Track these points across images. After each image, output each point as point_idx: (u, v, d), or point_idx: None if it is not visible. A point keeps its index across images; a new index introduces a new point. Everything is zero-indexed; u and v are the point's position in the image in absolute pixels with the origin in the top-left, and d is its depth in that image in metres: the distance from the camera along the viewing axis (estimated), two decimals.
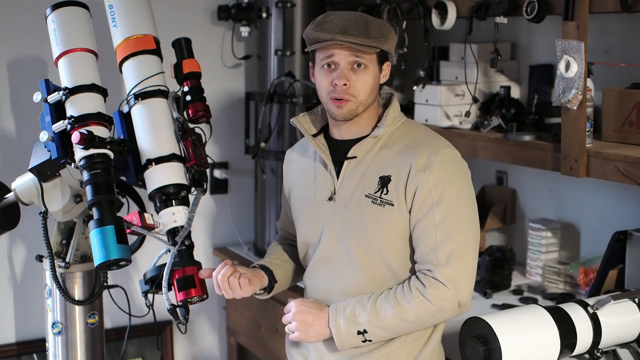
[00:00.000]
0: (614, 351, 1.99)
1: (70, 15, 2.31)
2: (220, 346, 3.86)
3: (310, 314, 2.07)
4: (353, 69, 1.99)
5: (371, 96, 2.03)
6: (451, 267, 1.96)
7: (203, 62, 2.44)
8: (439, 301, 1.96)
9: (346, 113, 2.02)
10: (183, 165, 2.21)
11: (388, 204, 2.01)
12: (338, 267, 2.10)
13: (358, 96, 2.01)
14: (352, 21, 1.97)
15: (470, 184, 2.06)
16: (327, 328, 2.05)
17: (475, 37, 2.87)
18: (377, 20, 2.02)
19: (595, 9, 2.32)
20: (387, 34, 2.00)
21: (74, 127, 2.15)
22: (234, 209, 3.79)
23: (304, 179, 2.18)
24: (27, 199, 2.48)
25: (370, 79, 2.01)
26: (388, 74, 2.07)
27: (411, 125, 2.13)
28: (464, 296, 1.98)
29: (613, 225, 2.62)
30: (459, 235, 1.98)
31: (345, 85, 1.99)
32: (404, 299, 1.98)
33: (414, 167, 1.99)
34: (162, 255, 2.18)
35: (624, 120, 2.43)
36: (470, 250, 2.00)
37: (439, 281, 1.96)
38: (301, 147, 2.24)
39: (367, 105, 2.04)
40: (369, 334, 2.01)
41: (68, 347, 2.50)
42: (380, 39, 1.98)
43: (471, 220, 2.02)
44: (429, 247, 1.99)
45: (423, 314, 1.98)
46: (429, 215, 1.98)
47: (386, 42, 2.00)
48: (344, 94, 2.00)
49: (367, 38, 1.96)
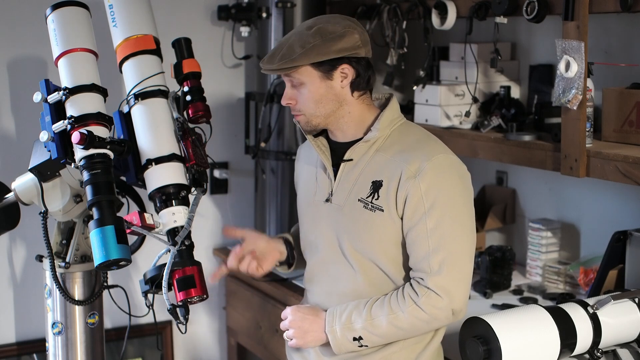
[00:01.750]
0: (614, 351, 1.99)
1: (70, 15, 2.31)
2: (220, 346, 3.86)
3: (306, 320, 2.07)
4: (294, 86, 2.04)
5: (320, 108, 2.03)
6: (443, 275, 1.95)
7: (203, 62, 2.43)
8: (432, 310, 1.96)
9: (304, 126, 2.08)
10: (183, 165, 2.21)
11: (378, 209, 2.01)
12: (336, 270, 2.10)
13: (305, 110, 2.05)
14: (282, 44, 2.01)
15: (467, 189, 2.04)
16: (323, 334, 2.06)
17: (475, 37, 2.87)
18: (304, 35, 1.99)
19: (595, 9, 2.32)
20: (305, 47, 1.96)
21: (74, 127, 2.15)
22: (234, 209, 3.79)
23: (308, 178, 2.20)
24: (27, 199, 2.48)
25: (309, 93, 2.02)
26: (350, 74, 2.02)
27: (409, 127, 2.10)
28: (458, 304, 1.97)
29: (613, 225, 2.62)
30: (451, 242, 1.97)
31: (290, 104, 2.06)
32: (398, 307, 1.98)
33: (405, 173, 1.97)
34: (162, 255, 2.18)
35: (624, 120, 2.43)
36: (464, 258, 1.99)
37: (432, 290, 1.95)
38: (307, 147, 2.25)
39: (325, 116, 2.04)
40: (364, 340, 2.02)
41: (68, 347, 2.50)
42: (293, 58, 1.96)
43: (465, 227, 2.00)
44: (421, 255, 1.98)
45: (416, 322, 1.98)
46: (421, 223, 1.97)
47: (305, 57, 1.96)
48: (292, 111, 2.07)
49: (275, 62, 1.99)
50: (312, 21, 2.04)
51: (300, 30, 2.02)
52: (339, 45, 1.98)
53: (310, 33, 1.99)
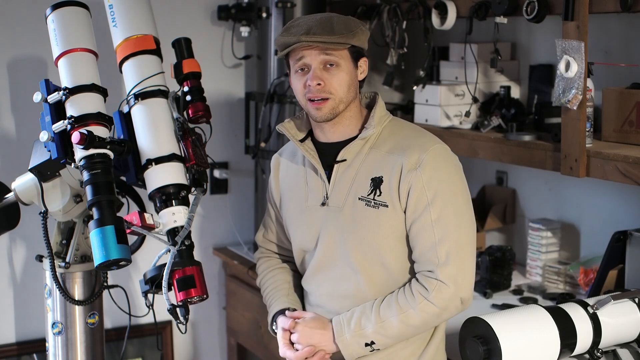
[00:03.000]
0: (614, 351, 1.99)
1: (70, 16, 2.31)
2: (220, 346, 3.86)
3: (315, 334, 2.07)
4: (326, 68, 1.98)
5: (350, 93, 2.01)
6: (451, 265, 1.96)
7: (203, 62, 2.43)
8: (442, 302, 1.97)
9: (327, 112, 2.00)
10: (183, 165, 2.21)
11: (382, 205, 2.01)
12: (337, 272, 2.09)
13: (336, 93, 1.99)
14: (317, 21, 1.96)
15: (463, 177, 2.05)
16: (333, 345, 2.05)
17: (475, 37, 2.87)
18: (343, 17, 2.01)
19: (595, 9, 2.32)
20: (354, 29, 1.98)
21: (74, 127, 2.15)
22: (234, 209, 3.79)
23: (295, 184, 2.17)
24: (27, 199, 2.48)
25: (345, 75, 1.99)
26: (366, 70, 2.05)
27: (398, 123, 2.11)
28: (466, 292, 1.98)
29: (613, 225, 2.62)
30: (455, 231, 1.98)
31: (320, 85, 1.97)
32: (408, 304, 1.98)
33: (406, 166, 1.98)
34: (162, 255, 2.18)
35: (624, 120, 2.43)
36: (469, 246, 2.00)
37: (441, 282, 1.96)
38: (289, 152, 2.22)
39: (348, 103, 2.02)
40: (376, 344, 2.02)
41: (68, 347, 2.50)
42: (347, 35, 1.96)
43: (467, 215, 2.02)
44: (427, 246, 1.98)
45: (428, 317, 1.98)
46: (425, 214, 1.97)
47: (354, 37, 1.97)
48: (319, 93, 1.98)
49: (333, 35, 1.94)
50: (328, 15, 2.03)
51: (331, 15, 2.00)
52: (366, 38, 2.02)
53: (349, 19, 2.00)
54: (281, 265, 2.30)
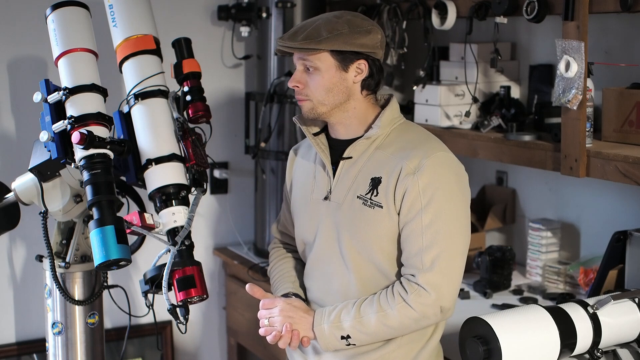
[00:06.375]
0: (614, 351, 1.99)
1: (70, 16, 2.31)
2: (220, 346, 3.86)
3: (296, 314, 2.08)
4: (306, 70, 2.03)
5: (330, 96, 2.02)
6: (434, 272, 1.95)
7: (203, 62, 2.44)
8: (420, 307, 1.96)
9: (307, 112, 2.06)
10: (183, 165, 2.21)
11: (377, 205, 2.01)
12: (331, 268, 2.10)
13: (312, 96, 2.03)
14: (307, 25, 2.00)
15: (464, 188, 2.04)
16: (311, 331, 2.06)
17: (475, 37, 2.87)
18: (344, 19, 2.00)
19: (595, 9, 2.32)
20: (332, 33, 1.97)
21: (74, 127, 2.15)
22: (234, 209, 3.79)
23: (305, 177, 2.19)
24: (27, 199, 2.48)
25: (322, 79, 2.01)
26: (364, 71, 2.03)
27: (409, 127, 2.11)
28: (447, 302, 1.97)
29: (613, 225, 2.62)
30: (445, 240, 1.97)
31: (298, 87, 2.04)
32: (387, 304, 1.98)
33: (404, 169, 1.98)
34: (162, 255, 2.18)
35: (624, 120, 2.43)
36: (457, 256, 1.99)
37: (421, 287, 1.95)
38: (305, 147, 2.24)
39: (333, 105, 2.03)
40: (352, 339, 2.02)
41: (68, 347, 2.50)
42: (317, 40, 1.96)
43: (461, 225, 2.00)
44: (414, 251, 1.98)
45: (405, 320, 1.98)
46: (417, 219, 1.97)
47: (333, 41, 1.97)
48: (297, 94, 2.06)
49: (295, 41, 1.97)
50: (340, 12, 2.04)
51: (327, 17, 2.02)
52: (363, 40, 2.00)
53: (339, 21, 2.00)
54: (292, 255, 2.32)
